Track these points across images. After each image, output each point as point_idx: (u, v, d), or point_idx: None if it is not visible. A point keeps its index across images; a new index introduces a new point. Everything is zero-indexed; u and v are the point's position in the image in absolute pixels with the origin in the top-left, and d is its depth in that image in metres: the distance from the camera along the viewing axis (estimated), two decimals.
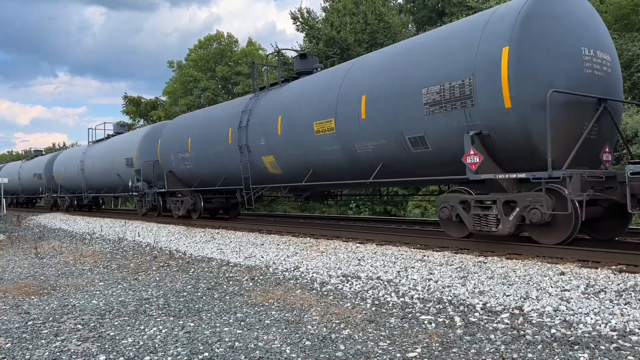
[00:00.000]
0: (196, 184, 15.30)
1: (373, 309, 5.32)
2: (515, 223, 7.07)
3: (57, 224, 19.93)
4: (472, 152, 7.22)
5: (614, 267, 5.88)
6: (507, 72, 6.85)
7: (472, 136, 7.21)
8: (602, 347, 3.82)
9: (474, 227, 7.63)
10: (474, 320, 4.70)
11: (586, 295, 4.93)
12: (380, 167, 9.03)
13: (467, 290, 5.56)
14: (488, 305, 5.07)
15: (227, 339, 4.44)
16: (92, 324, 5.06)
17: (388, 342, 4.24)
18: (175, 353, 4.12)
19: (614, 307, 4.57)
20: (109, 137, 23.41)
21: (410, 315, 4.99)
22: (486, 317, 4.77)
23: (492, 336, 4.23)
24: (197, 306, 5.73)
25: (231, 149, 13.10)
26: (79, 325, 5.04)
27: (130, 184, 18.38)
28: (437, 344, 4.12)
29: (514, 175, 7.05)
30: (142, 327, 4.89)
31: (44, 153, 33.08)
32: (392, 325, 4.70)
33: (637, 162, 6.49)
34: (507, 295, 5.21)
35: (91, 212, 25.56)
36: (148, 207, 17.85)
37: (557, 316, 4.55)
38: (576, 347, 3.87)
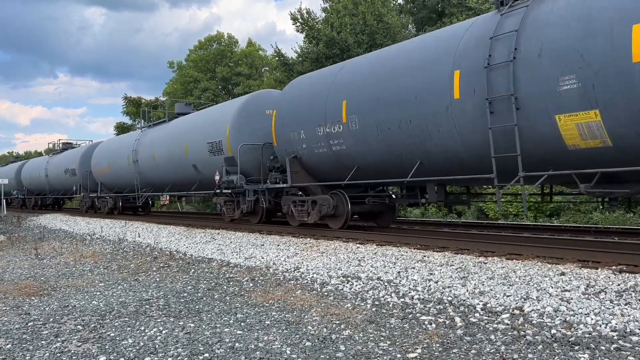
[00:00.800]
0: (351, 174, 9.85)
1: (373, 309, 5.32)
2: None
3: (57, 225, 19.93)
4: None
5: (614, 267, 5.88)
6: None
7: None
8: (603, 348, 3.82)
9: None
10: (474, 320, 4.70)
11: (586, 296, 4.93)
12: None
13: (467, 290, 5.56)
14: (488, 305, 5.07)
15: (227, 340, 4.44)
16: (93, 325, 5.06)
17: (388, 342, 4.24)
18: (175, 354, 4.13)
19: (614, 307, 4.57)
20: (174, 117, 18.12)
21: (410, 316, 4.99)
22: (486, 317, 4.77)
23: (492, 337, 4.23)
24: (197, 307, 5.73)
25: (452, 111, 7.56)
26: (79, 326, 5.04)
27: (217, 177, 13.27)
28: (437, 345, 4.12)
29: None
30: (142, 328, 4.89)
31: (74, 145, 30.22)
32: (392, 326, 4.70)
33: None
34: (508, 296, 5.21)
35: (140, 216, 21.15)
36: (245, 210, 12.96)
37: (557, 316, 4.55)
38: (576, 347, 3.87)
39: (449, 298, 5.44)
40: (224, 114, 13.70)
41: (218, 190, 13.42)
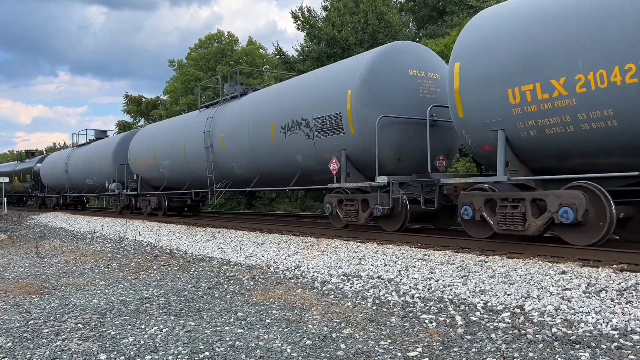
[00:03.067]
0: None
1: (374, 308, 5.32)
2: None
3: (58, 223, 19.95)
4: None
5: (615, 266, 5.87)
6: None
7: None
8: (603, 346, 3.82)
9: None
10: (474, 319, 4.69)
11: (587, 294, 4.93)
12: None
13: (468, 289, 5.56)
14: (489, 304, 5.06)
15: (227, 338, 4.44)
16: (93, 323, 5.06)
17: (389, 341, 4.24)
18: (176, 352, 4.12)
19: (615, 306, 4.56)
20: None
21: (411, 315, 4.99)
22: (487, 316, 4.77)
23: (493, 335, 4.23)
24: (197, 305, 5.73)
25: None
26: (79, 325, 5.04)
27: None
28: (438, 343, 4.12)
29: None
30: (143, 327, 4.89)
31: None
32: (393, 325, 4.70)
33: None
34: (508, 295, 5.21)
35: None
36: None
37: (558, 315, 4.55)
38: (577, 346, 3.87)
39: (450, 297, 5.43)
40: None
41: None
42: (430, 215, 9.99)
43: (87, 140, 26.43)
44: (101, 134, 25.95)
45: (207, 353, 4.08)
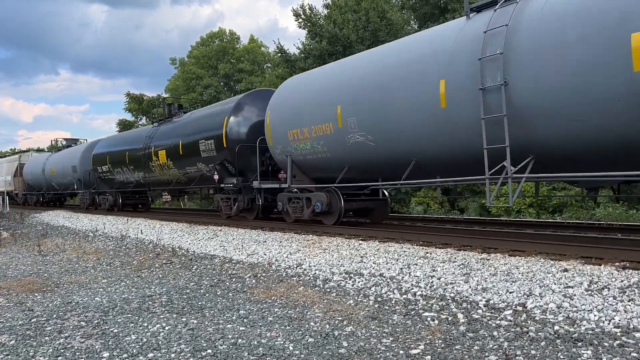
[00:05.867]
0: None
1: (376, 305, 5.32)
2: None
3: (60, 222, 19.98)
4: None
5: (617, 263, 5.87)
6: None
7: None
8: (606, 344, 3.82)
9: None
10: (477, 317, 4.70)
11: (589, 292, 4.92)
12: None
13: (470, 287, 5.56)
14: (491, 302, 5.06)
15: (230, 336, 4.45)
16: (96, 321, 5.08)
17: (391, 338, 4.24)
18: (178, 350, 4.13)
19: (617, 303, 4.56)
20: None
21: (413, 312, 4.99)
22: (489, 314, 4.77)
23: (495, 333, 4.23)
24: (200, 303, 5.74)
25: None
26: (82, 323, 5.05)
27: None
28: (440, 341, 4.12)
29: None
30: (145, 324, 4.90)
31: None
32: (395, 322, 4.70)
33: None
34: (510, 292, 5.21)
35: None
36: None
37: (560, 313, 4.54)
38: (579, 343, 3.87)
39: (452, 294, 5.43)
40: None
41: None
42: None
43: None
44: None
45: (209, 351, 4.09)
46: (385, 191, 11.75)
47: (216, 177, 14.07)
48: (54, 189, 29.36)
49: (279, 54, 26.28)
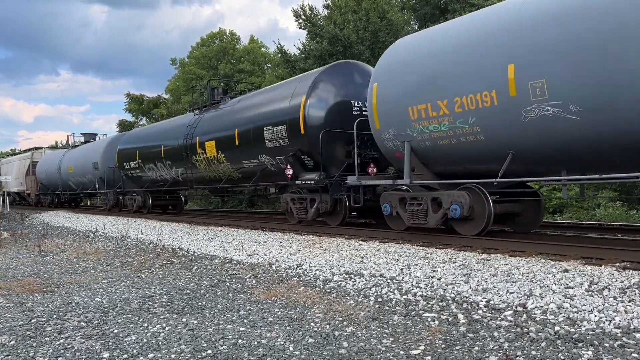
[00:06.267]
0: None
1: (376, 306, 5.32)
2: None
3: (60, 222, 19.98)
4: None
5: (617, 264, 5.87)
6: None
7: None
8: (606, 345, 3.81)
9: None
10: (477, 317, 4.69)
11: (590, 293, 4.92)
12: None
13: (470, 287, 5.56)
14: (491, 302, 5.06)
15: (230, 337, 4.45)
16: (96, 322, 5.08)
17: (391, 339, 4.24)
18: (178, 350, 4.13)
19: (617, 304, 4.55)
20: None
21: (413, 313, 4.99)
22: (489, 314, 4.76)
23: (495, 333, 4.22)
24: (200, 304, 5.74)
25: None
26: (82, 323, 5.05)
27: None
28: (440, 342, 4.11)
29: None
30: (145, 325, 4.90)
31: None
32: (395, 323, 4.70)
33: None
34: (511, 293, 5.20)
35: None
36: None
37: (560, 313, 4.54)
38: (580, 344, 3.86)
39: (452, 295, 5.43)
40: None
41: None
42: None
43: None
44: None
45: (209, 351, 4.09)
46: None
47: (289, 171, 11.32)
48: (71, 188, 26.91)
49: (279, 55, 26.26)
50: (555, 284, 5.26)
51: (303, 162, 11.18)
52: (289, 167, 11.33)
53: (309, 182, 10.92)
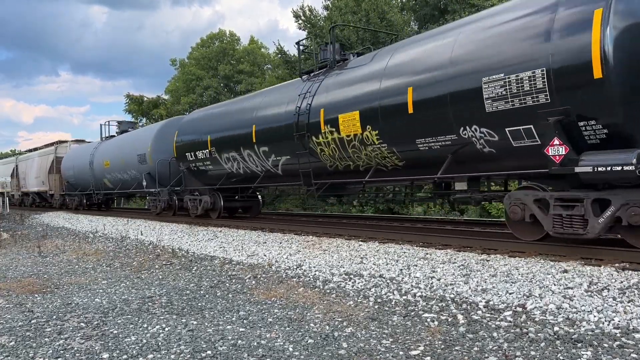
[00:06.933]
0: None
1: (376, 306, 5.32)
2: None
3: (60, 223, 19.98)
4: None
5: (617, 264, 5.87)
6: None
7: None
8: (605, 345, 3.82)
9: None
10: (476, 318, 4.70)
11: (589, 293, 4.93)
12: None
13: (469, 288, 5.56)
14: (491, 303, 5.06)
15: (230, 337, 4.45)
16: (96, 322, 5.08)
17: (391, 340, 4.24)
18: (178, 351, 4.13)
19: (617, 304, 4.56)
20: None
21: (412, 313, 4.99)
22: (489, 315, 4.77)
23: (494, 334, 4.23)
24: (200, 304, 5.74)
25: None
26: (82, 324, 5.05)
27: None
28: (439, 342, 4.12)
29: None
30: (145, 326, 4.90)
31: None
32: (394, 323, 4.70)
33: None
34: (510, 293, 5.21)
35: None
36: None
37: (560, 314, 4.55)
38: (579, 344, 3.87)
39: (452, 295, 5.43)
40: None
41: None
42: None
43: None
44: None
45: (209, 352, 4.09)
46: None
47: (557, 150, 6.29)
48: (106, 187, 21.82)
49: (279, 55, 26.30)
50: (555, 285, 5.26)
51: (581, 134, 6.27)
52: (556, 141, 6.30)
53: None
